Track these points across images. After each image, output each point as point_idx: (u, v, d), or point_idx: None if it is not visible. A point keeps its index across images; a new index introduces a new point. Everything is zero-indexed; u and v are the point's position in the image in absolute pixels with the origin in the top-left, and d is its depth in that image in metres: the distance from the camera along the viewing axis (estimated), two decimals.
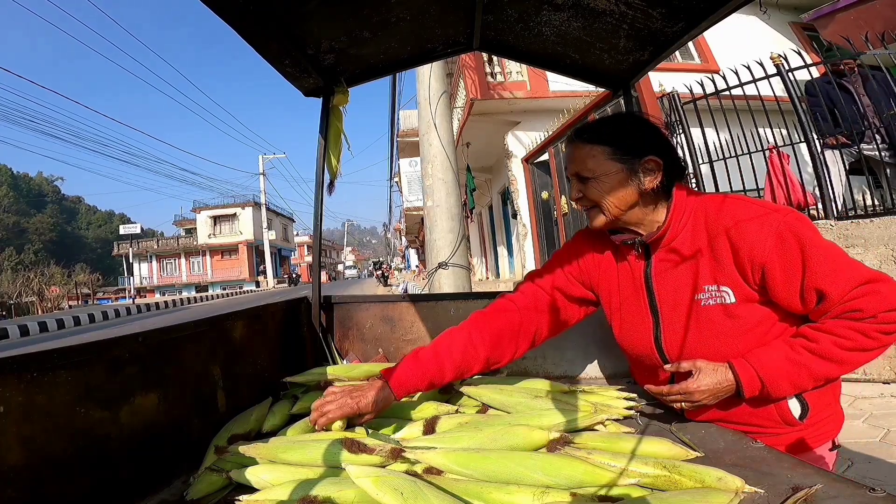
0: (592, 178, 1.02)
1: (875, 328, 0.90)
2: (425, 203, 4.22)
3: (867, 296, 0.89)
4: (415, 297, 1.92)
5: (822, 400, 1.02)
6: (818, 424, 1.03)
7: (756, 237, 0.93)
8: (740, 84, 4.05)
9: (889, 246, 3.12)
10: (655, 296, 1.07)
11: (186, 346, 1.18)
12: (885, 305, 0.89)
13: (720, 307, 0.99)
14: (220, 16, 1.06)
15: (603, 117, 1.13)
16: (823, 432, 1.04)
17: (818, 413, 1.02)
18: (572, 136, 1.07)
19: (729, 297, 0.98)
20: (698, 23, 1.23)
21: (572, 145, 1.06)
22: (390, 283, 25.84)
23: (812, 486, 0.71)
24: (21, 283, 24.33)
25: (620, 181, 1.00)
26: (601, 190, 1.01)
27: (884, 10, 4.76)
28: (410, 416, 1.23)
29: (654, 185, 1.01)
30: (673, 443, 0.95)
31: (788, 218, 0.93)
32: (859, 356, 0.92)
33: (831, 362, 0.92)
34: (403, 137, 13.78)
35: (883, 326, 0.90)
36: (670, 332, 1.06)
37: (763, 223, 0.93)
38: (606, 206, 1.02)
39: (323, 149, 1.66)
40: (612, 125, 1.06)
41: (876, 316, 0.89)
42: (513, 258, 11.42)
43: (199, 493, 0.92)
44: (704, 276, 1.00)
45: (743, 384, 0.96)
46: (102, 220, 72.20)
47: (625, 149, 1.01)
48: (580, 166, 1.03)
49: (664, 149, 1.03)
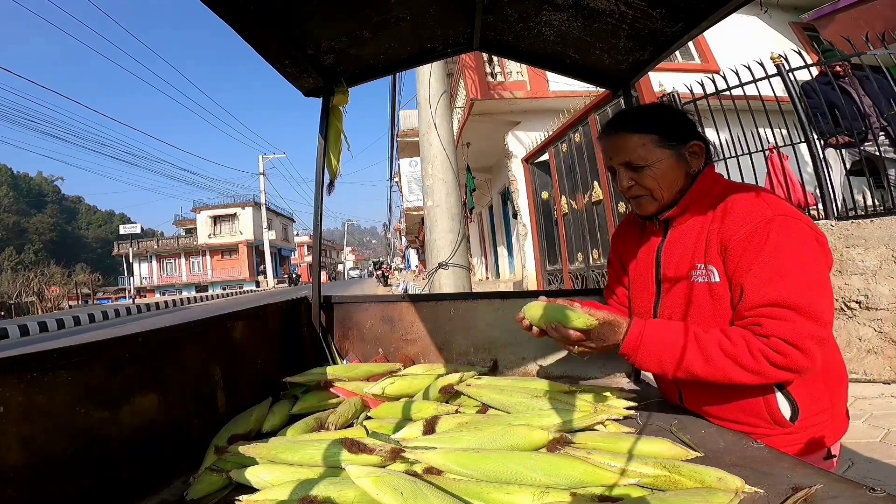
0: (645, 165, 1.04)
1: (762, 350, 0.87)
2: (425, 203, 4.22)
3: (778, 318, 0.87)
4: (415, 297, 1.93)
5: (816, 404, 1.00)
6: (812, 429, 1.01)
7: (737, 223, 0.95)
8: (740, 84, 4.05)
9: (889, 246, 3.12)
10: (661, 269, 1.10)
11: (186, 346, 1.18)
12: (787, 334, 0.86)
13: (707, 286, 1.00)
14: (221, 16, 1.07)
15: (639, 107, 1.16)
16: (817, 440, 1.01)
17: (811, 417, 1.00)
18: (614, 127, 1.08)
19: (714, 277, 0.99)
20: (698, 23, 1.23)
21: (616, 136, 1.07)
22: (390, 283, 25.83)
23: (812, 486, 0.71)
24: (21, 283, 24.33)
25: (671, 166, 1.03)
26: (654, 176, 1.04)
27: (884, 10, 4.76)
28: (410, 415, 1.23)
29: (699, 168, 1.05)
30: (673, 443, 0.95)
31: (775, 219, 0.92)
32: (731, 367, 0.89)
33: (703, 358, 0.91)
34: (403, 137, 13.78)
35: (770, 353, 0.87)
36: (665, 305, 1.09)
37: (751, 215, 0.94)
38: (660, 191, 1.05)
39: (323, 149, 1.66)
40: (654, 114, 1.09)
41: (769, 338, 0.87)
42: (513, 258, 11.41)
43: (199, 493, 0.92)
44: (699, 255, 1.02)
45: (627, 339, 0.97)
46: (102, 220, 72.22)
47: (670, 136, 1.04)
48: (631, 155, 1.05)
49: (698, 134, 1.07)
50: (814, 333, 0.86)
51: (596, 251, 5.83)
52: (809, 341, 0.86)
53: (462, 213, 4.26)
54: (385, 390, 1.38)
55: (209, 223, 40.92)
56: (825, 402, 1.02)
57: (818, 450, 1.02)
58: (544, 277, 7.52)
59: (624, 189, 1.09)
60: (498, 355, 1.79)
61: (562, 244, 6.75)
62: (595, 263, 5.86)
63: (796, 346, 0.86)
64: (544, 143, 6.94)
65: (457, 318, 1.81)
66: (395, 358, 1.79)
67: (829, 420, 1.03)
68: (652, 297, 1.13)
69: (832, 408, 1.03)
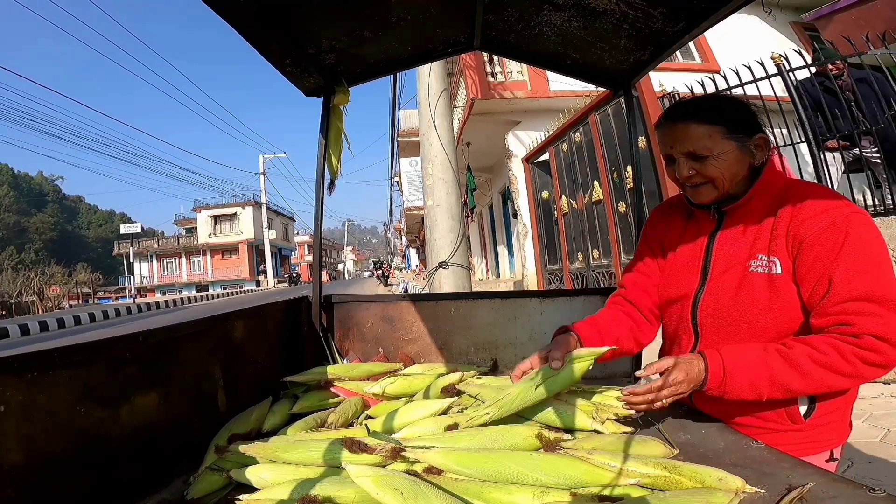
0: (710, 156, 1.03)
1: (854, 351, 0.86)
2: (425, 203, 4.22)
3: (867, 314, 0.85)
4: (415, 297, 1.93)
5: (831, 403, 0.99)
6: (822, 428, 1.00)
7: (811, 217, 0.94)
8: (741, 84, 4.05)
9: (889, 246, 3.12)
10: (711, 258, 1.09)
11: (187, 346, 1.18)
12: (878, 330, 0.84)
13: (766, 276, 0.99)
14: (221, 15, 1.07)
15: (704, 97, 1.15)
16: (823, 439, 1.01)
17: (824, 416, 0.99)
18: (679, 116, 1.07)
19: (776, 268, 0.98)
20: (699, 23, 1.23)
21: (681, 125, 1.06)
22: (390, 282, 25.83)
23: (805, 485, 0.71)
24: (21, 283, 24.36)
25: (736, 159, 1.03)
26: (718, 167, 1.03)
27: (884, 10, 4.75)
28: (410, 415, 1.23)
29: (763, 160, 1.05)
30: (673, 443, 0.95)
31: (853, 215, 0.92)
32: (828, 376, 0.88)
33: (796, 372, 0.90)
34: (404, 137, 13.78)
35: (863, 353, 0.85)
36: (711, 294, 1.07)
37: (825, 209, 0.94)
38: (722, 181, 1.04)
39: (323, 148, 1.66)
40: (721, 105, 1.08)
41: (860, 336, 0.85)
42: (513, 258, 11.41)
43: (199, 493, 0.92)
44: (761, 246, 1.01)
45: (710, 374, 0.95)
46: (103, 220, 72.22)
47: (737, 128, 1.03)
48: (695, 145, 1.04)
49: (763, 128, 1.07)
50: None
51: (596, 251, 5.83)
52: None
53: (462, 213, 4.26)
54: (385, 390, 1.38)
55: (209, 223, 40.92)
56: (840, 402, 1.00)
57: (822, 450, 1.01)
58: (544, 277, 7.52)
59: (684, 178, 1.07)
60: (498, 355, 1.79)
61: (562, 244, 6.75)
62: (595, 263, 5.86)
63: (889, 342, 0.84)
64: (544, 142, 6.94)
65: (457, 317, 1.82)
66: (396, 357, 1.79)
67: (839, 421, 1.02)
68: (695, 285, 1.11)
69: (844, 408, 1.02)
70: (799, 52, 4.00)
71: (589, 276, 6.03)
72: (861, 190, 3.75)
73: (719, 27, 1.32)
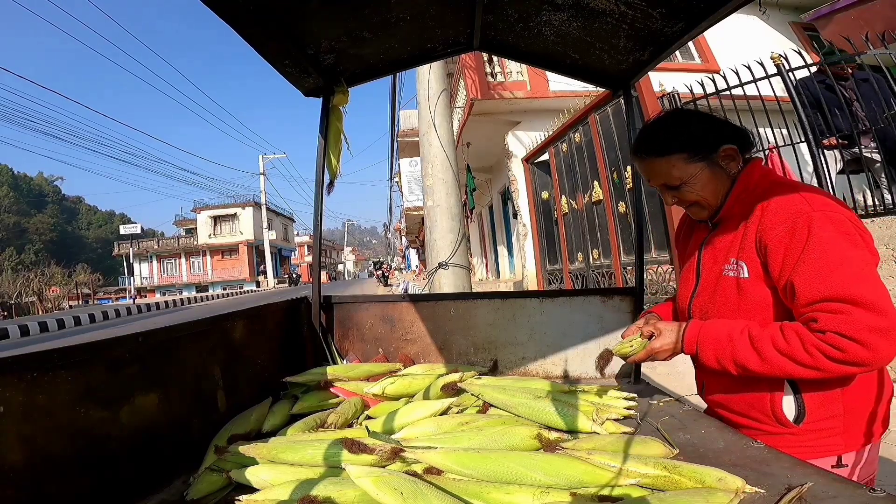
0: (682, 183, 1.07)
1: (818, 344, 0.87)
2: (425, 203, 4.22)
3: (833, 312, 0.86)
4: (415, 297, 1.93)
5: (825, 409, 0.98)
6: (819, 433, 0.99)
7: (775, 220, 0.96)
8: (740, 84, 4.05)
9: (889, 246, 3.12)
10: (702, 264, 1.15)
11: (187, 346, 1.18)
12: (842, 328, 0.85)
13: (735, 280, 1.03)
14: (221, 16, 1.07)
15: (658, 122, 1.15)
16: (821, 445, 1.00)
17: (819, 421, 0.99)
18: (641, 154, 1.11)
19: (743, 272, 1.01)
20: (698, 23, 1.23)
21: (647, 161, 1.10)
22: (390, 283, 25.82)
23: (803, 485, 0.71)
24: (21, 284, 24.35)
25: (709, 177, 1.06)
26: (694, 190, 1.07)
27: (884, 10, 4.75)
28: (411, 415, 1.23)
29: (738, 168, 1.07)
30: (673, 443, 0.95)
31: (815, 214, 0.92)
32: (786, 363, 0.91)
33: (756, 354, 0.94)
34: (403, 137, 13.77)
35: (827, 348, 0.86)
36: (700, 296, 1.14)
37: (789, 210, 0.95)
38: (705, 201, 1.08)
39: (323, 149, 1.66)
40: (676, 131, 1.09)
41: (825, 333, 0.86)
42: (513, 258, 11.41)
43: (199, 493, 0.92)
44: (734, 250, 1.04)
45: (685, 343, 1.06)
46: (103, 220, 72.15)
47: (698, 149, 1.05)
48: (665, 178, 1.08)
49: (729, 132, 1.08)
50: (872, 324, 0.83)
51: (596, 251, 5.83)
52: (867, 333, 0.83)
53: (462, 213, 4.26)
54: (385, 390, 1.38)
55: (209, 223, 40.89)
56: (836, 408, 0.99)
57: (824, 455, 0.99)
58: (544, 277, 7.52)
59: (670, 205, 1.14)
60: (498, 355, 1.79)
61: (562, 244, 6.75)
62: (595, 263, 5.86)
63: (854, 340, 0.84)
64: (544, 142, 6.94)
65: (457, 318, 1.82)
66: (395, 358, 1.79)
67: (842, 427, 0.99)
68: (691, 288, 1.17)
69: (845, 414, 0.99)
70: (798, 52, 4.00)
71: (589, 277, 6.03)
72: (861, 190, 3.75)
73: (719, 27, 1.32)
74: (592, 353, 1.75)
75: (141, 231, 43.28)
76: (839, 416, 0.99)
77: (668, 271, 4.75)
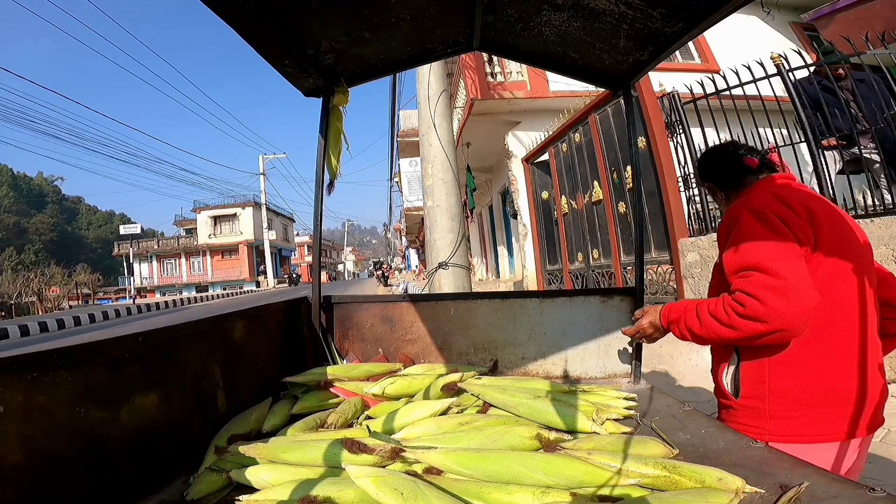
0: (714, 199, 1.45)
1: (730, 303, 1.05)
2: (425, 203, 4.21)
3: (741, 278, 1.06)
4: (415, 297, 1.93)
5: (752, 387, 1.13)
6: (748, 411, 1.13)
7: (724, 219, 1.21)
8: (740, 84, 4.05)
9: (889, 246, 3.12)
10: None
11: (186, 346, 1.18)
12: (745, 287, 1.03)
13: (718, 265, 1.24)
14: (220, 16, 1.06)
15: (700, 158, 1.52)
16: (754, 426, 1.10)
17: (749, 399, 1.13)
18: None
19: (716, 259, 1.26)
20: (698, 23, 1.23)
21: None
22: (390, 283, 25.82)
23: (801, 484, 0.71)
24: (21, 284, 24.33)
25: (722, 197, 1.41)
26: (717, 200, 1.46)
27: (884, 10, 4.75)
28: (411, 415, 1.23)
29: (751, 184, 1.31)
30: (672, 443, 0.95)
31: (744, 209, 1.14)
32: (713, 323, 1.09)
33: (696, 319, 1.14)
34: (403, 137, 13.77)
35: (735, 305, 1.04)
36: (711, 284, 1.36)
37: (732, 209, 1.20)
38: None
39: (323, 149, 1.66)
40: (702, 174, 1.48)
41: (735, 293, 1.05)
42: (513, 258, 11.41)
43: (199, 493, 0.92)
44: None
45: (661, 314, 1.30)
46: (103, 220, 72.10)
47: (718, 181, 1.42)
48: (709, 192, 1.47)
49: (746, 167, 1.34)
50: (767, 283, 1.00)
51: (596, 251, 5.83)
52: (763, 290, 1.00)
53: (462, 213, 4.26)
54: (385, 390, 1.38)
55: (209, 223, 40.87)
56: (762, 389, 1.11)
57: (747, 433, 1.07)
58: (544, 277, 7.52)
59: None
60: (498, 355, 1.79)
61: (562, 244, 6.75)
62: (595, 263, 5.87)
63: (752, 296, 1.01)
64: (544, 142, 6.94)
65: (457, 318, 1.82)
66: (395, 358, 1.79)
67: (767, 412, 1.10)
68: None
69: (770, 399, 1.10)
70: (798, 52, 4.00)
71: (589, 277, 6.03)
72: (861, 190, 3.75)
73: (719, 27, 1.32)
74: (592, 353, 1.75)
75: (141, 231, 43.25)
76: (764, 397, 1.11)
77: (668, 271, 4.75)
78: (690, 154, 4.51)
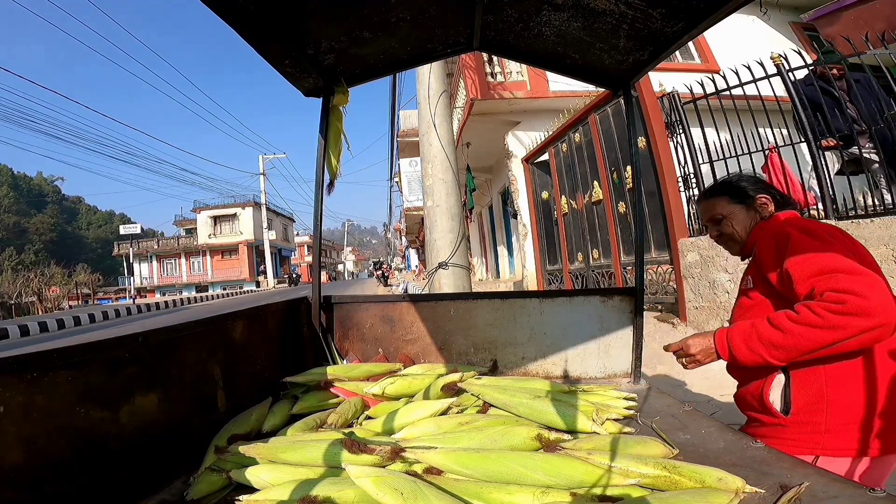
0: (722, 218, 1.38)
1: (822, 305, 1.01)
2: (425, 203, 4.21)
3: (823, 281, 1.03)
4: (415, 298, 1.93)
5: (809, 403, 1.08)
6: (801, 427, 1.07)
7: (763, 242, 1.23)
8: (740, 84, 4.04)
9: (889, 246, 3.12)
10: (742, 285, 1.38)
11: (186, 346, 1.18)
12: (835, 286, 1.01)
13: (745, 290, 1.30)
14: (221, 16, 1.07)
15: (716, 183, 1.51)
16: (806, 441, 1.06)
17: (803, 415, 1.08)
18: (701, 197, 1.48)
19: (749, 283, 1.29)
20: (698, 23, 1.23)
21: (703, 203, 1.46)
22: (390, 283, 25.81)
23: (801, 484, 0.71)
24: (21, 284, 24.32)
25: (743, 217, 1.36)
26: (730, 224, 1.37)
27: (884, 10, 4.75)
28: (411, 415, 1.23)
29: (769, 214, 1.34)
30: (672, 443, 0.95)
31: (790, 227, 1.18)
32: (807, 330, 1.03)
33: (779, 330, 1.07)
34: (403, 137, 13.77)
35: (829, 304, 1.00)
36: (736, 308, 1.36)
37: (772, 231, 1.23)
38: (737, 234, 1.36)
39: (323, 149, 1.66)
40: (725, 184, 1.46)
41: (823, 294, 1.02)
42: (513, 258, 11.41)
43: (199, 493, 0.92)
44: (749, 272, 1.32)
45: (717, 343, 1.21)
46: (103, 220, 72.08)
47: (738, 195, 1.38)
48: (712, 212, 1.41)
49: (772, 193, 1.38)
50: (860, 280, 0.99)
51: (596, 251, 5.83)
52: (857, 285, 0.98)
53: (462, 213, 4.26)
54: (385, 390, 1.38)
55: (209, 223, 40.86)
56: (821, 404, 1.07)
57: (804, 453, 1.04)
58: (544, 277, 7.52)
59: (713, 238, 1.44)
60: (498, 355, 1.79)
61: (562, 244, 6.75)
62: (595, 263, 5.86)
63: (848, 292, 0.98)
64: (544, 142, 6.94)
65: (457, 318, 1.82)
66: (395, 358, 1.79)
67: (824, 427, 1.06)
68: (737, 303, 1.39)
69: (829, 413, 1.06)
70: (798, 52, 4.00)
71: (589, 277, 6.03)
72: (861, 191, 3.74)
73: (719, 27, 1.32)
74: (592, 353, 1.75)
75: (141, 231, 43.20)
76: (823, 411, 1.07)
77: (668, 271, 4.75)
78: (690, 154, 4.51)
